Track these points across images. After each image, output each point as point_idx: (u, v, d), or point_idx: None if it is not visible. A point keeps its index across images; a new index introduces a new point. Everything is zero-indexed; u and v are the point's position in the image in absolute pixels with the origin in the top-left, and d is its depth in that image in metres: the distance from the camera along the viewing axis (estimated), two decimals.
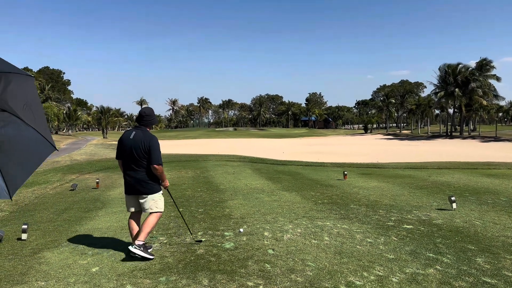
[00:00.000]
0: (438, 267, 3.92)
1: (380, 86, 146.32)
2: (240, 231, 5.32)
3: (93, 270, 3.98)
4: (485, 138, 61.47)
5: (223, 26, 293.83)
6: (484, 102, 68.74)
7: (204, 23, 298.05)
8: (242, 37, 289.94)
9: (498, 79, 72.18)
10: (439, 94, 73.81)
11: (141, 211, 4.57)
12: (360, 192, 8.76)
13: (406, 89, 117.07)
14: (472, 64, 77.04)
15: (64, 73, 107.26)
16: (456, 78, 71.40)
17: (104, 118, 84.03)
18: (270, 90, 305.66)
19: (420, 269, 3.85)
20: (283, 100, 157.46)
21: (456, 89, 69.90)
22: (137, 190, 4.38)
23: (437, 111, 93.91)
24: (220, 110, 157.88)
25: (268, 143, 58.66)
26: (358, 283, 3.54)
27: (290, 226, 5.60)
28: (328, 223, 5.73)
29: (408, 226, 5.53)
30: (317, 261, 4.11)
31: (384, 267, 3.93)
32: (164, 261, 4.19)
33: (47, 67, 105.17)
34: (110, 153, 28.30)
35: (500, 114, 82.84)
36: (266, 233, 5.21)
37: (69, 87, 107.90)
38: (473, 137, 65.25)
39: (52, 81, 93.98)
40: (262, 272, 3.82)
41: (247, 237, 5.04)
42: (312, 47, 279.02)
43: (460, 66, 73.02)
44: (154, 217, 4.42)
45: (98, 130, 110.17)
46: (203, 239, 4.99)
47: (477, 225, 5.58)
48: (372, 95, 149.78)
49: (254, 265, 4.02)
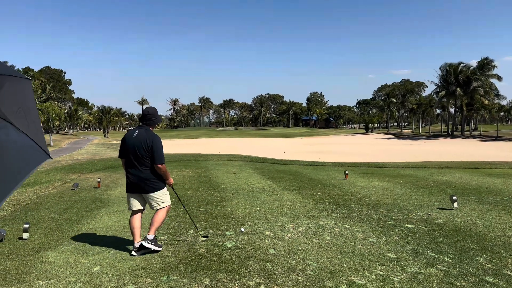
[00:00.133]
0: (439, 266, 3.91)
1: (381, 85, 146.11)
2: (241, 231, 5.32)
3: (95, 269, 3.99)
4: (487, 138, 61.41)
5: (224, 26, 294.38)
6: (486, 102, 68.63)
7: (205, 22, 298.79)
8: (242, 37, 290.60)
9: (499, 78, 72.06)
10: (440, 94, 73.70)
11: (143, 210, 4.60)
12: (361, 191, 8.75)
13: (407, 89, 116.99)
14: (473, 63, 77.37)
15: (65, 72, 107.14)
16: (458, 77, 71.26)
17: (105, 118, 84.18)
18: (271, 89, 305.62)
19: (421, 269, 3.85)
20: (284, 99, 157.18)
21: (458, 89, 69.79)
22: (141, 189, 4.41)
23: (438, 111, 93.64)
24: (221, 109, 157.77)
25: (269, 143, 58.67)
26: (359, 282, 3.54)
27: (291, 225, 5.60)
28: (329, 223, 5.72)
29: (409, 226, 5.52)
30: (318, 261, 4.10)
31: (385, 266, 3.92)
32: (166, 260, 4.19)
33: (48, 67, 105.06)
34: (111, 153, 28.33)
35: (502, 113, 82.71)
36: (267, 233, 5.21)
37: (70, 87, 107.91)
38: (474, 137, 65.18)
39: (53, 80, 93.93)
40: (263, 272, 3.82)
41: (248, 237, 5.04)
42: (313, 46, 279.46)
43: (461, 65, 72.90)
44: (163, 212, 4.53)
45: (99, 129, 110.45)
46: (207, 236, 5.03)
47: (478, 224, 5.57)
48: (373, 95, 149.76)
49: (255, 264, 4.02)
